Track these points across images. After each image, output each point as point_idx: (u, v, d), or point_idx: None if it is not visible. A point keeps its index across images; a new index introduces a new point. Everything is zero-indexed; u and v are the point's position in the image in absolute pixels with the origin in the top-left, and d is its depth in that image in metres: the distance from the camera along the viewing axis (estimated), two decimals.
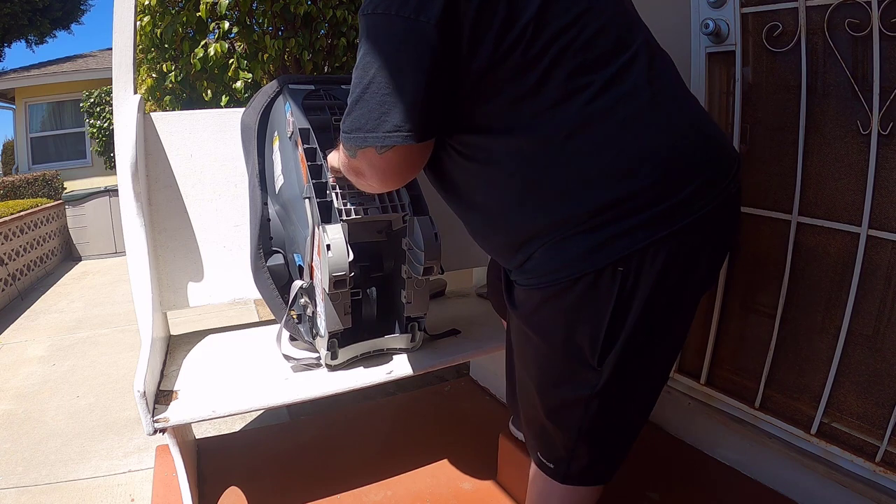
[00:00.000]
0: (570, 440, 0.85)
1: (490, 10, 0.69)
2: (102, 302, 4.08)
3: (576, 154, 0.72)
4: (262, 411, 1.90)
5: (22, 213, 4.85)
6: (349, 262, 1.04)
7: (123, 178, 1.22)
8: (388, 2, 0.69)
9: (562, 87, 0.72)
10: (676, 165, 0.73)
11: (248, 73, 3.17)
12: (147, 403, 1.01)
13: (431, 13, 0.67)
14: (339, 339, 1.16)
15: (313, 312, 1.18)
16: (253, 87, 3.14)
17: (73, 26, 12.62)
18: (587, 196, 0.72)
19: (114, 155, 1.33)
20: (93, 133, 8.38)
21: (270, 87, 1.30)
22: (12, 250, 4.49)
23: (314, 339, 1.22)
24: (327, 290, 1.06)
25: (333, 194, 1.09)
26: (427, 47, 0.68)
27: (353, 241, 1.07)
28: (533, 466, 0.95)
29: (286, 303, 1.23)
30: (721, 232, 0.80)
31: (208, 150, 1.41)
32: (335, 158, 1.02)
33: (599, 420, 0.83)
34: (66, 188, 7.56)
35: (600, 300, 0.74)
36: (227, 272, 1.43)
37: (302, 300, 1.18)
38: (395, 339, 1.24)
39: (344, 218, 1.08)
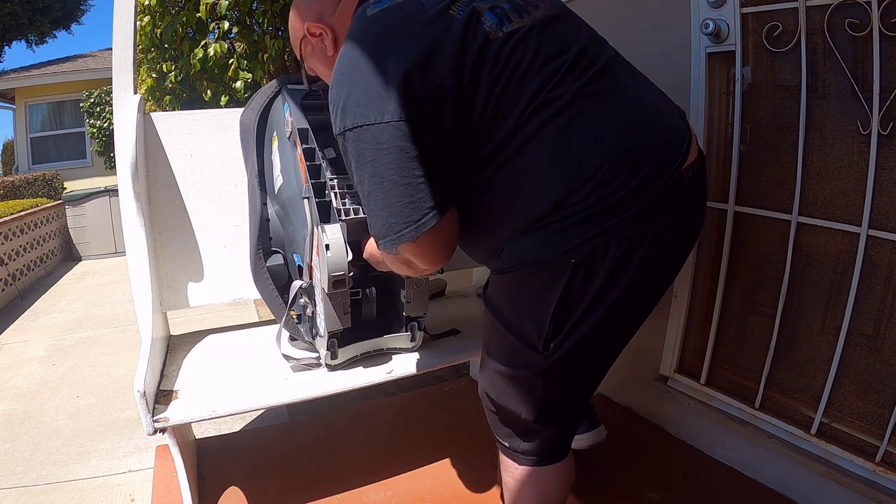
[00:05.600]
0: (517, 417, 0.90)
1: (444, 88, 0.75)
2: (102, 302, 4.07)
3: (526, 169, 0.78)
4: (262, 411, 1.90)
5: (22, 213, 4.85)
6: (348, 262, 1.05)
7: (123, 178, 1.23)
8: (357, 115, 0.75)
9: (511, 123, 0.77)
10: (619, 159, 0.75)
11: (248, 73, 3.16)
12: (147, 403, 1.01)
13: (392, 114, 0.73)
14: (338, 339, 1.16)
15: (313, 312, 1.18)
16: (253, 87, 3.14)
17: (73, 26, 12.63)
18: (538, 201, 0.77)
19: (114, 155, 1.33)
20: (93, 133, 8.38)
21: (269, 88, 1.30)
22: (12, 250, 4.49)
23: (314, 339, 1.22)
24: (326, 290, 1.06)
25: (332, 194, 1.09)
26: (406, 142, 0.74)
27: (352, 240, 1.07)
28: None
29: (286, 303, 1.23)
30: (681, 212, 0.82)
31: (208, 150, 1.41)
32: (373, 249, 1.02)
33: (544, 397, 0.88)
34: (66, 188, 7.56)
35: (548, 289, 0.80)
36: (227, 272, 1.43)
37: (301, 300, 1.18)
38: (395, 339, 1.24)
39: (343, 217, 1.07)
